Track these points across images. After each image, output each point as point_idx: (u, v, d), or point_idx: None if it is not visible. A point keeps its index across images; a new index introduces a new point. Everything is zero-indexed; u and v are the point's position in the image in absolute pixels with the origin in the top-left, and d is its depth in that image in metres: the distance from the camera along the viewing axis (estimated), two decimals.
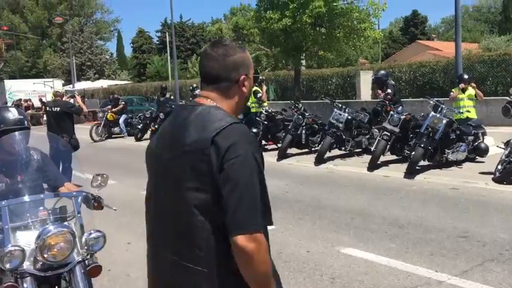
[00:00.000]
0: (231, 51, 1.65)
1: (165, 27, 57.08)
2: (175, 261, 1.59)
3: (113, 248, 4.88)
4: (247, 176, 1.50)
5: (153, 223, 1.72)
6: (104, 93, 33.05)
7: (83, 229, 2.68)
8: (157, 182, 1.69)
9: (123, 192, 7.80)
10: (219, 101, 1.65)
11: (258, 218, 1.49)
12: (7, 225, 2.52)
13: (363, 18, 18.21)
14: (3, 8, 57.91)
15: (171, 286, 1.64)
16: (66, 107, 8.05)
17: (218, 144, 1.50)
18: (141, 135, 16.01)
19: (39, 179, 2.99)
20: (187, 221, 1.55)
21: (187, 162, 1.54)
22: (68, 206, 2.81)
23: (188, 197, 1.54)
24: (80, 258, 2.60)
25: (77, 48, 45.23)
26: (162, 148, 1.67)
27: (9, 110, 3.14)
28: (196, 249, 1.54)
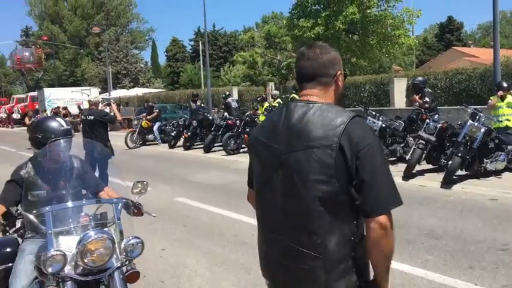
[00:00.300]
0: (326, 50, 1.83)
1: (198, 36, 57.91)
2: (292, 247, 1.71)
3: (147, 255, 4.95)
4: (380, 161, 1.67)
5: (269, 211, 1.82)
6: (138, 101, 33.70)
7: (122, 235, 2.72)
8: (271, 173, 1.78)
9: (157, 198, 7.91)
10: (322, 95, 1.81)
11: (395, 197, 1.66)
12: (50, 230, 2.58)
13: (397, 25, 18.03)
14: (44, 19, 60.07)
15: (288, 270, 1.74)
16: (100, 116, 8.20)
17: (349, 137, 1.65)
18: (174, 143, 16.22)
19: (79, 185, 3.06)
20: (307, 211, 1.68)
21: (312, 157, 1.66)
22: (109, 212, 2.85)
23: (311, 188, 1.66)
24: (119, 264, 2.63)
25: (113, 57, 46.37)
26: (277, 141, 1.77)
27: (57, 120, 3.25)
28: (314, 236, 1.67)
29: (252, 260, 4.86)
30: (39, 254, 2.55)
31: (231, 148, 13.56)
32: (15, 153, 17.19)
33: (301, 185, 1.68)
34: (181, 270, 4.67)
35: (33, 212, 2.71)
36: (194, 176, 10.31)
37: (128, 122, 22.50)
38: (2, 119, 42.20)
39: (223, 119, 14.48)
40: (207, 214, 6.91)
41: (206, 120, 15.59)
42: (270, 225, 1.83)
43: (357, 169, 1.64)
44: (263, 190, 1.85)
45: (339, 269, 1.67)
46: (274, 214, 1.79)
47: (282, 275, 1.78)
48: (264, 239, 1.89)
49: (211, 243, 5.51)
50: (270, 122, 1.87)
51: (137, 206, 2.98)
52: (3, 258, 2.97)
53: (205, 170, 11.22)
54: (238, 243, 5.45)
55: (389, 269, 1.74)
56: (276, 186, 1.76)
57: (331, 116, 1.69)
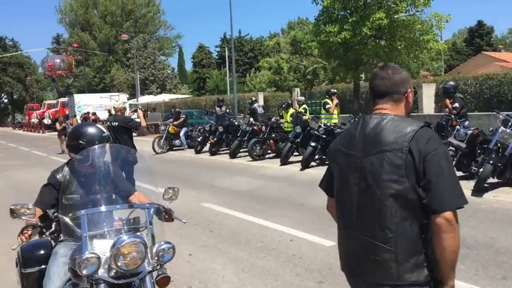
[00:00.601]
0: (397, 71, 2.08)
1: (224, 42, 58.35)
2: (367, 241, 1.92)
3: (174, 259, 4.99)
4: (447, 164, 1.87)
5: (346, 211, 2.05)
6: (165, 107, 34.14)
7: (153, 240, 2.75)
8: (348, 177, 2.03)
9: (184, 203, 7.96)
10: (394, 109, 2.03)
11: (459, 197, 1.85)
12: (85, 233, 2.63)
13: (425, 30, 17.77)
14: (75, 26, 61.54)
15: (363, 262, 1.95)
16: (124, 122, 8.25)
17: (417, 142, 1.86)
18: (200, 148, 16.34)
19: (112, 190, 3.12)
20: (381, 207, 1.88)
21: (384, 159, 1.89)
22: (141, 217, 2.89)
23: (384, 187, 1.88)
24: (151, 268, 2.66)
25: (141, 64, 47.08)
26: (354, 149, 2.02)
27: (98, 127, 3.34)
28: (387, 230, 1.87)
29: (279, 266, 4.86)
30: (74, 256, 2.60)
31: (257, 154, 13.58)
32: (46, 157, 17.63)
33: (375, 185, 1.90)
34: (208, 276, 4.70)
35: (69, 215, 2.77)
36: (220, 182, 10.37)
37: (155, 127, 22.80)
38: (33, 124, 43.35)
39: (249, 125, 14.52)
40: (233, 220, 6.93)
41: (232, 126, 15.67)
42: (347, 223, 2.05)
43: (424, 171, 1.83)
44: (341, 193, 2.09)
45: (410, 262, 1.85)
46: (350, 213, 2.01)
47: (359, 267, 1.99)
48: (343, 237, 2.11)
49: (237, 249, 5.53)
50: (347, 133, 2.14)
51: (168, 211, 3.02)
52: (37, 261, 3.05)
53: (231, 175, 11.27)
54: (265, 249, 5.45)
55: (454, 266, 1.89)
56: (353, 188, 1.99)
57: (402, 124, 1.93)
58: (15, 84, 67.52)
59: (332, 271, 4.64)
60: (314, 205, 7.62)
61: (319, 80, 37.10)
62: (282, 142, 13.51)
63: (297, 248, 5.42)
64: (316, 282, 4.41)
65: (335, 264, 4.82)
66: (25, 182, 11.39)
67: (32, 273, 3.03)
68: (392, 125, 1.93)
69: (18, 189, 10.45)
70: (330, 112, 13.02)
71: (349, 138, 2.09)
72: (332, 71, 23.89)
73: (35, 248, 3.09)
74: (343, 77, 26.86)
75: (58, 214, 2.88)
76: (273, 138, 13.81)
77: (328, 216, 6.76)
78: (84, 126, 3.40)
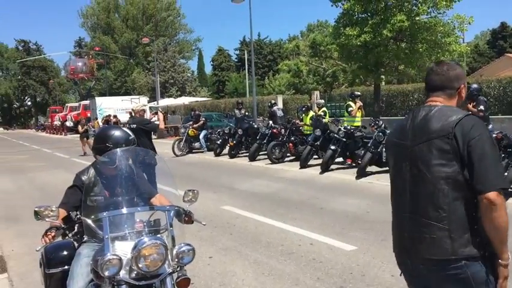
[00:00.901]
0: (452, 67, 2.23)
1: (243, 45, 58.54)
2: (422, 221, 2.10)
3: (195, 261, 4.99)
4: (489, 148, 2.00)
5: (400, 196, 2.23)
6: (185, 110, 34.34)
7: (174, 242, 2.76)
8: (401, 164, 2.21)
9: (204, 206, 7.99)
10: (445, 103, 2.20)
11: (502, 179, 2.01)
12: (107, 235, 2.65)
13: (447, 32, 17.51)
14: (96, 30, 62.51)
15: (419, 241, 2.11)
16: (142, 124, 8.20)
17: (462, 129, 2.02)
18: (220, 151, 16.38)
19: (134, 192, 3.14)
20: (434, 190, 2.06)
21: (433, 146, 2.07)
22: (162, 219, 2.90)
23: (435, 171, 2.06)
24: (171, 270, 2.67)
25: (161, 67, 47.53)
26: (405, 139, 2.21)
27: (124, 130, 3.38)
28: (440, 210, 2.05)
29: (299, 270, 4.82)
30: (96, 257, 2.62)
31: (276, 157, 13.55)
32: (68, 159, 17.90)
33: (426, 170, 2.08)
34: (228, 279, 4.69)
35: (91, 217, 2.80)
36: (240, 185, 10.37)
37: (175, 130, 22.95)
38: (56, 126, 44.11)
39: (268, 128, 14.51)
40: (253, 223, 6.91)
41: (251, 128, 15.68)
42: (402, 207, 2.22)
43: (468, 155, 1.99)
44: (396, 179, 2.27)
45: (463, 238, 2.01)
46: (405, 197, 2.19)
47: (415, 246, 2.13)
48: (397, 221, 2.28)
49: (257, 252, 5.51)
50: (399, 125, 2.32)
51: (188, 214, 3.03)
52: (60, 261, 3.09)
53: (251, 178, 11.26)
54: (285, 253, 5.42)
55: (505, 242, 2.02)
56: (406, 175, 2.18)
57: (448, 113, 2.09)
58: (38, 87, 68.88)
59: (353, 276, 4.59)
60: (334, 209, 7.56)
61: (338, 82, 36.92)
62: (302, 145, 13.46)
63: (317, 252, 5.38)
64: (337, 287, 4.36)
65: (356, 268, 4.78)
66: (48, 184, 11.57)
67: (55, 273, 3.08)
68: (440, 114, 2.10)
69: (42, 191, 10.62)
70: (352, 115, 12.90)
71: (401, 130, 2.28)
72: (352, 74, 23.72)
73: (58, 249, 3.12)
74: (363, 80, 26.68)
75: (80, 216, 2.91)
76: (292, 141, 13.76)
77: (348, 220, 6.73)
78: (110, 129, 3.43)
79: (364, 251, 5.34)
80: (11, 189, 11.25)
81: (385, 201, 8.09)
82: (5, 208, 8.85)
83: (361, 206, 7.63)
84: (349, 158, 11.82)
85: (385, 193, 9.10)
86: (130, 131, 8.49)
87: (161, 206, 3.00)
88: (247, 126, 15.85)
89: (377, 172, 10.63)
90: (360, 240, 5.77)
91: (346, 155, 11.77)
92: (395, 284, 4.36)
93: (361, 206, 7.63)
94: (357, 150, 11.48)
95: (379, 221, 6.67)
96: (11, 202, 9.42)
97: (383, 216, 6.95)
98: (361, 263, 4.93)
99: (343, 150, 11.52)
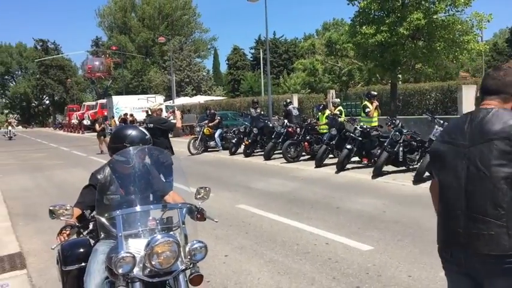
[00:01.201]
0: (509, 73, 2.30)
1: (258, 43, 58.50)
2: (479, 218, 2.15)
3: (210, 260, 5.01)
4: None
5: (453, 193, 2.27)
6: (200, 109, 34.47)
7: (186, 239, 2.77)
8: (456, 163, 2.27)
9: (219, 204, 8.00)
10: (500, 106, 2.27)
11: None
12: (121, 233, 2.67)
13: (465, 30, 17.25)
14: (113, 30, 63.11)
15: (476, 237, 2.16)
16: (159, 123, 8.23)
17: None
18: (235, 149, 16.40)
19: (148, 190, 3.16)
20: (493, 189, 2.12)
21: (493, 146, 2.14)
22: (174, 216, 2.91)
23: (494, 171, 2.12)
24: (184, 267, 2.68)
25: (177, 66, 47.77)
26: (462, 139, 2.27)
27: (140, 129, 3.42)
28: (499, 208, 2.11)
29: (314, 270, 4.79)
30: (110, 255, 2.64)
31: (291, 156, 13.51)
32: (85, 157, 18.10)
33: (486, 169, 2.14)
34: (244, 277, 4.68)
35: (104, 216, 2.82)
36: (255, 183, 10.36)
37: (190, 128, 23.05)
38: (73, 125, 44.65)
39: (284, 127, 14.47)
40: (268, 222, 6.89)
41: (267, 127, 15.65)
42: (455, 204, 2.26)
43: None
44: (447, 178, 2.30)
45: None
46: (459, 195, 2.24)
47: (470, 242, 2.18)
48: (448, 217, 2.31)
49: (273, 251, 5.48)
50: (455, 126, 2.37)
51: (200, 211, 3.03)
52: (77, 259, 3.12)
53: (266, 177, 11.24)
54: (301, 252, 5.39)
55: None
56: (461, 173, 2.24)
57: (507, 116, 2.18)
58: (56, 86, 69.76)
59: (369, 276, 4.54)
60: (350, 208, 7.50)
61: (354, 81, 36.68)
62: (317, 144, 13.40)
63: (333, 252, 5.33)
64: (353, 287, 4.31)
65: (372, 269, 4.73)
66: (66, 181, 11.71)
67: (71, 270, 3.11)
68: (498, 117, 2.19)
69: (60, 188, 10.75)
70: (369, 116, 12.77)
71: (457, 130, 2.34)
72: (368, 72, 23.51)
73: (74, 247, 3.15)
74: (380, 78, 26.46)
75: (94, 214, 2.94)
76: (307, 140, 13.70)
77: (364, 220, 6.68)
78: (126, 128, 3.45)
79: (380, 251, 5.28)
80: (30, 186, 11.41)
81: (401, 201, 8.07)
82: (24, 206, 8.98)
83: (377, 206, 7.56)
84: (365, 157, 11.73)
85: (402, 193, 9.06)
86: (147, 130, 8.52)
87: (173, 204, 3.02)
88: (263, 125, 15.82)
89: (393, 172, 10.53)
90: (376, 240, 5.71)
91: (362, 154, 11.68)
92: (413, 284, 4.31)
93: (377, 206, 7.56)
94: (373, 150, 11.38)
95: (396, 221, 6.60)
96: (29, 200, 9.55)
97: (399, 216, 6.88)
98: (378, 263, 4.88)
99: (359, 149, 11.43)
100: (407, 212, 7.10)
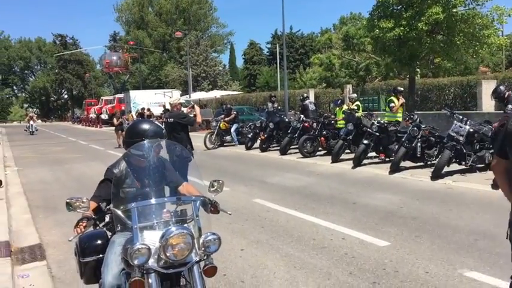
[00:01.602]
0: None
1: (275, 38, 58.32)
2: None
3: (227, 254, 5.03)
4: None
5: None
6: (216, 103, 34.53)
7: (200, 231, 2.80)
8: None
9: (235, 199, 8.02)
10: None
11: None
12: (136, 225, 2.71)
13: (486, 24, 16.93)
14: (131, 25, 63.53)
15: None
16: (179, 118, 8.13)
17: None
18: (251, 144, 16.40)
19: (163, 183, 3.20)
20: None
21: None
22: (188, 209, 2.95)
23: None
24: (198, 259, 2.72)
25: (193, 61, 47.89)
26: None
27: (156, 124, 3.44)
28: None
29: (331, 265, 4.77)
30: (126, 246, 2.68)
31: (307, 151, 13.46)
32: (103, 151, 18.29)
33: None
34: (260, 271, 4.68)
35: (120, 208, 2.86)
36: (271, 178, 10.35)
37: (207, 123, 23.11)
38: (91, 119, 45.15)
39: (300, 122, 14.41)
40: (284, 216, 6.88)
41: (283, 122, 15.61)
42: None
43: None
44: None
45: None
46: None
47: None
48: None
49: (289, 246, 5.47)
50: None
51: (214, 204, 3.06)
52: (94, 250, 3.16)
53: (282, 172, 11.23)
54: (317, 247, 5.37)
55: None
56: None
57: None
58: (74, 81, 70.59)
59: (386, 272, 4.51)
60: (367, 204, 7.45)
61: (371, 76, 36.31)
62: (333, 139, 13.32)
63: (349, 247, 5.30)
64: (369, 282, 4.28)
65: (389, 264, 4.69)
66: (84, 175, 11.86)
67: (89, 262, 3.16)
68: None
69: (78, 182, 10.89)
70: (393, 111, 12.59)
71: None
72: (386, 67, 23.26)
73: (92, 239, 3.20)
74: (398, 73, 26.16)
75: (110, 207, 2.99)
76: (324, 135, 13.64)
77: (381, 215, 6.61)
78: (142, 123, 3.47)
79: (397, 247, 5.23)
80: (49, 179, 11.58)
81: (419, 197, 7.99)
82: (43, 198, 9.12)
83: (394, 202, 7.49)
84: (382, 153, 11.62)
85: (419, 189, 8.96)
86: (167, 125, 8.44)
87: (188, 197, 3.07)
88: (279, 119, 15.79)
89: (411, 167, 10.42)
90: (393, 235, 5.66)
91: (380, 149, 11.58)
92: (430, 280, 4.26)
93: (395, 202, 7.49)
94: (391, 145, 11.27)
95: (413, 216, 6.53)
96: (49, 192, 9.70)
97: (417, 212, 6.81)
98: (395, 259, 4.84)
99: (376, 144, 11.33)
100: (425, 208, 7.02)
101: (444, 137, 9.92)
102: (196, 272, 2.69)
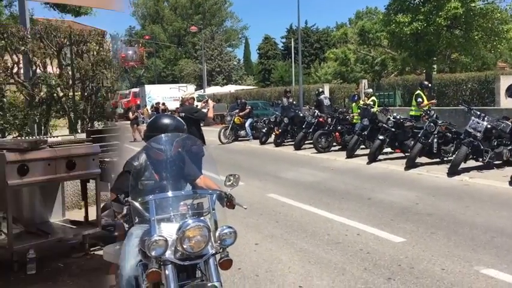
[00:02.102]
0: None
1: (290, 33, 58.01)
2: None
3: (241, 248, 5.04)
4: None
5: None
6: (231, 98, 34.55)
7: (216, 224, 2.83)
8: None
9: (250, 193, 8.03)
10: None
11: None
12: (153, 217, 2.74)
13: (504, 19, 16.68)
14: (146, 19, 63.83)
15: None
16: (190, 112, 8.06)
17: None
18: (265, 139, 16.39)
19: (180, 175, 3.22)
20: None
21: None
22: (204, 202, 2.98)
23: None
24: (214, 251, 2.75)
25: (208, 55, 47.98)
26: None
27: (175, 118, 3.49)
28: None
29: (345, 260, 4.75)
30: (144, 238, 2.72)
31: (322, 146, 13.40)
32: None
33: None
34: (275, 266, 4.68)
35: (138, 200, 2.88)
36: (285, 173, 10.33)
37: (221, 118, 23.16)
38: None
39: (315, 117, 14.35)
40: (299, 211, 6.87)
41: (297, 117, 15.56)
42: None
43: None
44: None
45: None
46: None
47: None
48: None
49: (303, 241, 5.47)
50: None
51: (229, 198, 3.08)
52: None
53: (296, 167, 11.20)
54: (332, 242, 5.35)
55: None
56: None
57: None
58: None
59: (401, 268, 4.47)
60: (382, 199, 7.40)
61: (387, 71, 35.99)
62: (348, 135, 13.23)
63: (364, 243, 5.27)
64: (384, 278, 4.26)
65: (404, 261, 4.66)
66: None
67: None
68: None
69: None
70: (421, 106, 12.36)
71: None
72: (402, 62, 23.04)
73: None
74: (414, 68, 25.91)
75: (128, 199, 3.02)
76: (338, 130, 13.55)
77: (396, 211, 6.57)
78: (163, 117, 3.51)
79: (413, 243, 5.19)
80: None
81: (435, 193, 7.91)
82: None
83: (410, 198, 7.42)
84: (398, 149, 11.51)
85: (435, 185, 8.89)
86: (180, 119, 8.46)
87: (204, 190, 3.11)
88: (293, 114, 15.73)
89: (427, 163, 10.30)
90: (409, 232, 5.62)
91: (395, 145, 11.47)
92: (446, 277, 4.22)
93: (410, 198, 7.42)
94: (407, 141, 11.16)
95: (429, 213, 6.47)
96: None
97: (433, 208, 6.75)
98: (410, 256, 4.80)
99: (392, 140, 11.22)
100: (441, 205, 6.95)
101: (461, 133, 9.79)
102: (212, 264, 2.72)
